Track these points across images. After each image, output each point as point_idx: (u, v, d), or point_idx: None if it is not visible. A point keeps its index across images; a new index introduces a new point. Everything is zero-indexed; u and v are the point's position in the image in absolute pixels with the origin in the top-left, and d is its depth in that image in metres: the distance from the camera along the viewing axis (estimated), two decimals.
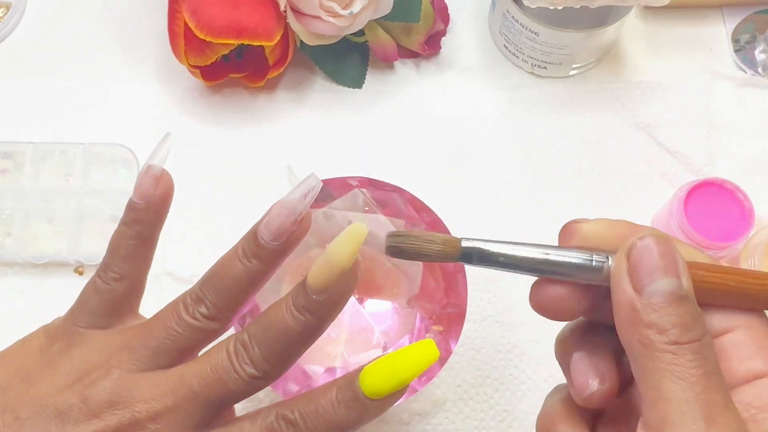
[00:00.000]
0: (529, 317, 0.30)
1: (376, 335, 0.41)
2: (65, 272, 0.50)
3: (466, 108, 0.56)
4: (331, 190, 0.43)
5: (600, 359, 0.29)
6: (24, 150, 0.52)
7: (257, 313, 0.40)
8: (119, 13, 0.59)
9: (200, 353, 0.31)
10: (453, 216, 0.45)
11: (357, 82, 0.56)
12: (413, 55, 0.57)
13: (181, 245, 0.51)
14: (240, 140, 0.55)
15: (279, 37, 0.50)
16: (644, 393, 0.26)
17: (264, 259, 0.30)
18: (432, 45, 0.57)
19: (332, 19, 0.51)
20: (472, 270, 0.42)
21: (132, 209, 0.33)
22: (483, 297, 0.50)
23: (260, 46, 0.51)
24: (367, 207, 0.43)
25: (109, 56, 0.57)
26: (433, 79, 0.57)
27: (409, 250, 0.29)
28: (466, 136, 0.55)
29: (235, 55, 0.54)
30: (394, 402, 0.29)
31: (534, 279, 0.29)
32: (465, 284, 0.42)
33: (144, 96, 0.56)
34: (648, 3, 0.51)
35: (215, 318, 0.30)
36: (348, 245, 0.28)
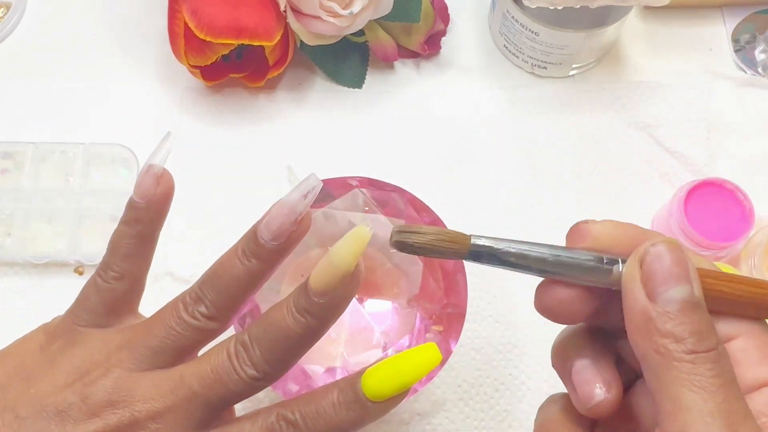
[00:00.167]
0: (529, 317, 0.30)
1: (376, 335, 0.41)
2: (65, 272, 0.50)
3: (466, 108, 0.56)
4: (331, 190, 0.43)
5: (603, 366, 0.28)
6: (24, 150, 0.52)
7: (257, 313, 0.40)
8: (119, 13, 0.59)
9: (201, 353, 0.31)
10: (453, 216, 0.45)
11: (357, 82, 0.56)
12: (413, 55, 0.57)
13: (181, 245, 0.51)
14: (240, 140, 0.55)
15: (279, 37, 0.50)
16: (662, 403, 0.25)
17: (263, 259, 0.30)
18: (432, 45, 0.57)
19: (332, 19, 0.51)
20: (472, 270, 0.42)
21: (132, 208, 0.33)
22: (483, 297, 0.50)
23: (260, 46, 0.51)
24: (367, 207, 0.43)
25: (109, 56, 0.57)
26: (433, 79, 0.57)
27: (418, 246, 0.28)
28: (466, 136, 0.55)
29: (235, 55, 0.54)
30: (396, 404, 0.29)
31: (539, 280, 0.29)
32: (465, 284, 0.42)
33: (144, 96, 0.56)
34: (648, 3, 0.51)
35: (215, 317, 0.30)
36: (351, 248, 0.28)
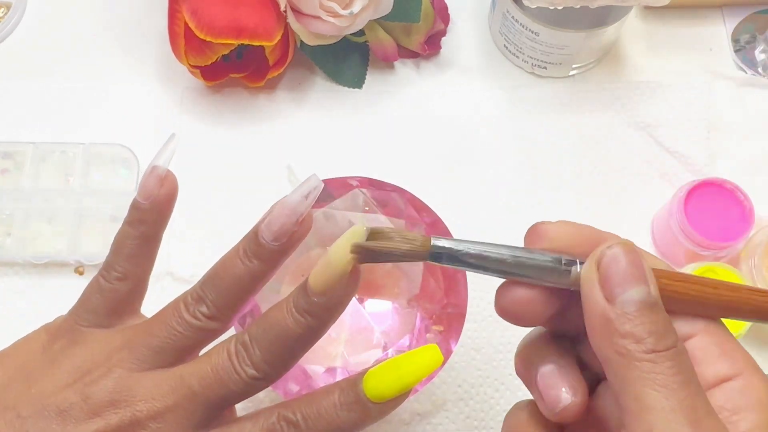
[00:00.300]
0: None
1: (376, 335, 0.41)
2: (65, 272, 0.50)
3: (466, 108, 0.56)
4: (331, 190, 0.43)
5: (568, 371, 0.28)
6: (24, 150, 0.52)
7: (257, 313, 0.40)
8: (119, 13, 0.59)
9: (201, 353, 0.31)
10: (453, 216, 0.45)
11: (357, 82, 0.56)
12: (413, 55, 0.57)
13: (181, 245, 0.51)
14: (240, 140, 0.55)
15: (279, 37, 0.50)
16: (626, 404, 0.25)
17: (265, 259, 0.30)
18: (432, 45, 0.57)
19: (332, 19, 0.51)
20: None
21: (136, 209, 0.33)
22: (483, 297, 0.50)
23: (260, 46, 0.51)
24: (367, 207, 0.43)
25: (109, 56, 0.57)
26: (433, 79, 0.57)
27: (377, 250, 0.28)
28: (466, 136, 0.55)
29: (235, 55, 0.54)
30: (397, 406, 0.29)
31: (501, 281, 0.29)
32: (465, 284, 0.42)
33: (144, 96, 0.56)
34: (648, 3, 0.51)
35: (216, 317, 0.31)
36: (347, 248, 0.28)
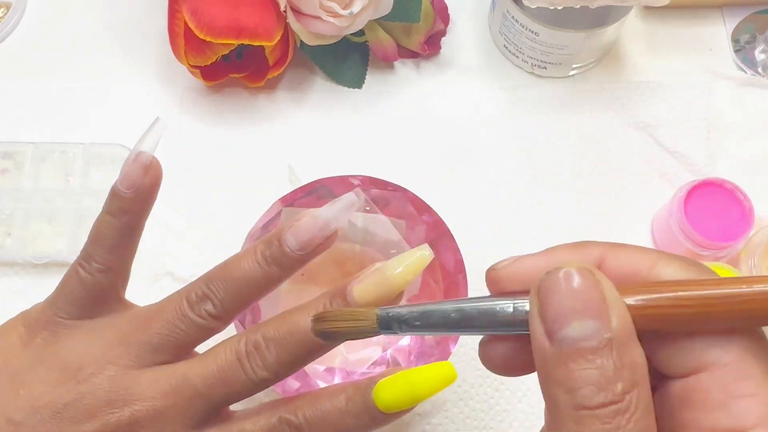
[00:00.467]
0: None
1: None
2: (65, 272, 0.50)
3: (466, 108, 0.56)
4: (332, 189, 0.43)
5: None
6: (24, 150, 0.52)
7: (257, 312, 0.40)
8: (119, 13, 0.59)
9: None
10: (453, 216, 0.45)
11: (357, 82, 0.56)
12: (413, 55, 0.57)
13: (181, 245, 0.51)
14: (240, 140, 0.55)
15: (279, 37, 0.50)
16: None
17: (285, 267, 0.30)
18: (432, 45, 0.57)
19: (332, 19, 0.51)
20: (472, 270, 0.42)
21: (118, 198, 0.32)
22: None
23: (260, 46, 0.51)
24: (368, 207, 0.43)
25: (109, 56, 0.57)
26: (433, 79, 0.57)
27: (334, 332, 0.27)
28: (466, 136, 0.55)
29: (235, 55, 0.54)
30: (403, 416, 0.29)
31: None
32: (465, 284, 0.42)
33: (144, 96, 0.56)
34: (648, 3, 0.51)
35: (220, 317, 0.30)
36: (411, 267, 0.28)
